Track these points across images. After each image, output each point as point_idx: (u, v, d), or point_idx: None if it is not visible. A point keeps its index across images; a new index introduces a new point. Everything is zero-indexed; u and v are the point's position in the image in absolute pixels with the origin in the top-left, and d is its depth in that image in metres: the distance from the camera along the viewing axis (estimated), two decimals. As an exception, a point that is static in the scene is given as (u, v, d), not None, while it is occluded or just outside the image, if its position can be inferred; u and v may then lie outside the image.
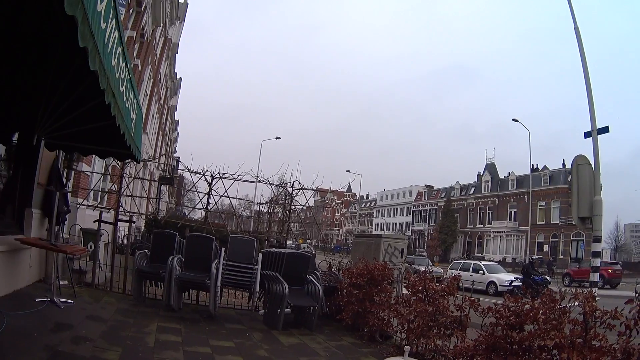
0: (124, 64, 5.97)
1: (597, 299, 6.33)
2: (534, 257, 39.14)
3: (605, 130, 15.23)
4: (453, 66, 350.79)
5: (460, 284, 10.03)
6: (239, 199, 21.70)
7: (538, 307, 6.48)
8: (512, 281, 33.53)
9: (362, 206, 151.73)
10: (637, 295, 5.40)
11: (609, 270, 47.41)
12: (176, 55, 50.91)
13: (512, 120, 67.83)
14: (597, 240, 13.96)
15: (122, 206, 16.00)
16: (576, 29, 15.82)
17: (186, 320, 11.24)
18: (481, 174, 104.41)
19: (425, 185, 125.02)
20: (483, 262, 40.40)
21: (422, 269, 13.17)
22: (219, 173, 17.53)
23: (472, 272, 36.04)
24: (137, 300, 12.60)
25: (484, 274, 35.83)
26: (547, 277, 33.75)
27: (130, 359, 7.52)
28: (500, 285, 33.58)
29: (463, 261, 43.86)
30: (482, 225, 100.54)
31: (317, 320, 12.12)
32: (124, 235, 16.52)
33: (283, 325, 11.52)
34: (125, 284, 13.68)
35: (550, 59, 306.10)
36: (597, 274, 13.86)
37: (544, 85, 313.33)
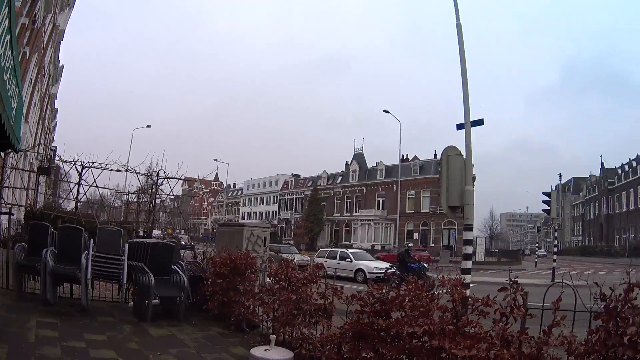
0: (10, 52, 5.76)
1: (471, 285, 6.42)
2: (410, 245, 39.00)
3: (479, 122, 15.54)
4: (327, 57, 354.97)
5: (328, 272, 10.07)
6: (108, 188, 21.41)
7: (404, 294, 6.51)
8: (387, 268, 33.52)
9: (229, 195, 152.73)
10: (511, 283, 5.48)
11: (415, 257, 49.05)
12: (61, 42, 49.84)
13: (384, 111, 68.54)
14: (469, 228, 14.25)
15: (2, 198, 15.60)
16: (458, 25, 16.02)
17: (62, 314, 11.06)
18: (349, 163, 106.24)
19: (292, 174, 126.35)
20: (350, 250, 40.43)
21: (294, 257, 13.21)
22: (88, 162, 17.23)
23: (339, 259, 36.42)
24: (19, 295, 12.38)
25: (351, 261, 35.99)
26: (425, 264, 33.65)
27: (15, 355, 7.55)
28: (368, 272, 33.69)
29: (330, 249, 43.85)
30: (349, 214, 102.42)
31: (185, 310, 12.04)
32: (6, 228, 16.13)
33: (152, 317, 11.42)
34: (7, 278, 13.35)
35: (428, 54, 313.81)
36: (470, 261, 14.17)
37: (420, 79, 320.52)
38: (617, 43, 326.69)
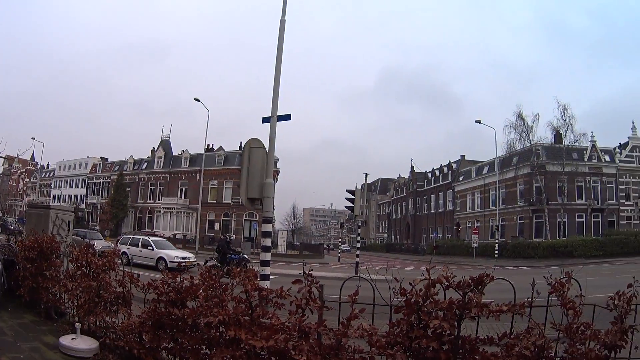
0: None
1: (272, 277, 6.41)
2: (231, 237, 38.54)
3: (286, 117, 15.80)
4: (144, 42, 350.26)
5: (130, 259, 9.96)
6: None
7: (198, 284, 6.52)
8: (189, 258, 34.36)
9: (43, 176, 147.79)
10: (305, 275, 5.49)
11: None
12: None
13: (194, 99, 67.78)
14: (268, 221, 14.40)
15: None
16: (282, 22, 16.07)
17: None
18: (155, 149, 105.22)
19: (100, 157, 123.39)
20: (152, 238, 40.37)
21: (94, 243, 12.96)
22: None
23: (141, 247, 36.22)
24: None
25: (153, 249, 35.78)
26: (246, 256, 33.80)
27: None
28: (169, 261, 33.61)
29: (132, 236, 43.02)
30: (152, 201, 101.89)
31: (2, 296, 11.53)
32: None
33: (-23, 302, 11.11)
34: None
35: (243, 44, 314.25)
36: (269, 253, 14.28)
37: (235, 69, 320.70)
38: (443, 59, 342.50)
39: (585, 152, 75.34)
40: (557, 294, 5.13)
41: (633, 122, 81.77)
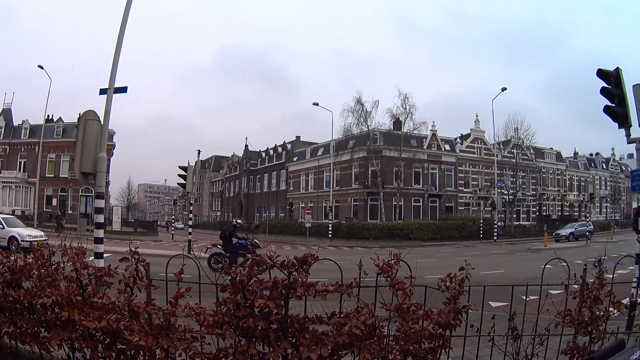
0: None
1: (106, 255, 6.31)
2: (238, 221, 34.59)
3: (123, 90, 15.61)
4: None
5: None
6: None
7: (32, 263, 6.32)
8: (40, 236, 33.45)
9: None
10: (131, 253, 5.43)
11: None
12: None
13: (38, 66, 65.31)
14: (100, 196, 14.30)
15: None
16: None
17: None
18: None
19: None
20: (2, 216, 38.47)
21: None
22: None
23: (-7, 225, 34.73)
24: None
25: (4, 228, 34.49)
26: (256, 241, 29.25)
27: None
28: (22, 240, 32.57)
29: (-18, 215, 41.55)
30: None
31: None
32: None
33: None
34: None
35: (90, 14, 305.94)
36: (102, 230, 14.12)
37: (81, 40, 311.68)
38: (281, 41, 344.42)
39: (425, 140, 79.58)
40: (385, 276, 5.28)
41: (477, 116, 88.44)
